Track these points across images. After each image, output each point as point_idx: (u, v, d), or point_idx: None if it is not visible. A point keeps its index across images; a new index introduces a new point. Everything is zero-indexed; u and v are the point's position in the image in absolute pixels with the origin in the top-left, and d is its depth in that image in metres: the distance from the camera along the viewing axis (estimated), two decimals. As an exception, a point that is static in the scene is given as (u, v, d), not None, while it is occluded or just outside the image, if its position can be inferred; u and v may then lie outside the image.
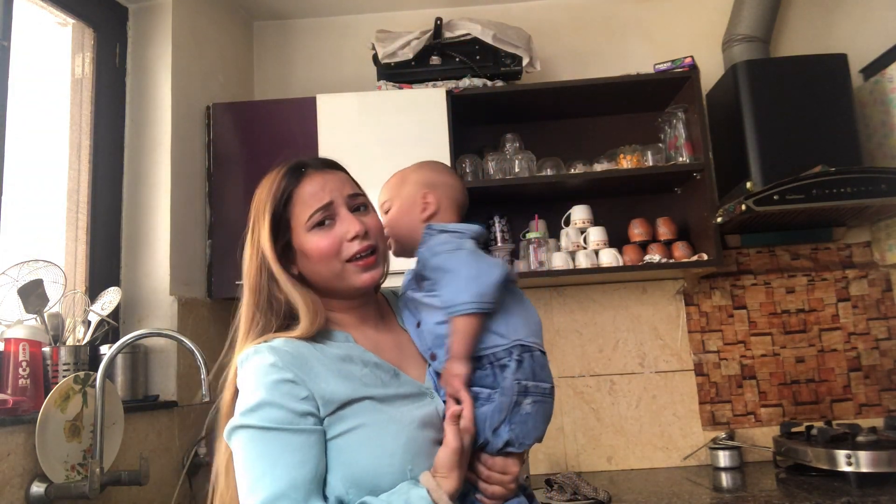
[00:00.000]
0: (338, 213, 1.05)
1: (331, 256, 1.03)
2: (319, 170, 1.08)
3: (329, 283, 1.06)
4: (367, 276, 1.05)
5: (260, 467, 0.90)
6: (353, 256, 1.04)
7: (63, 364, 1.65)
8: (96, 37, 2.08)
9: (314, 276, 1.06)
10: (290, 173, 1.07)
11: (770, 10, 2.49)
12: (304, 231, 1.04)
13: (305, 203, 1.05)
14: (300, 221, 1.04)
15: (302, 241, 1.04)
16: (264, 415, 0.92)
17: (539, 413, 1.00)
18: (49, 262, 1.71)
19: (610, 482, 2.17)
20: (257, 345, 0.99)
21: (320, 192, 1.05)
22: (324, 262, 1.04)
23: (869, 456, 1.84)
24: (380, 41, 2.41)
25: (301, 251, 1.05)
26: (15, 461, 1.44)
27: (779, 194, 2.06)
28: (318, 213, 1.04)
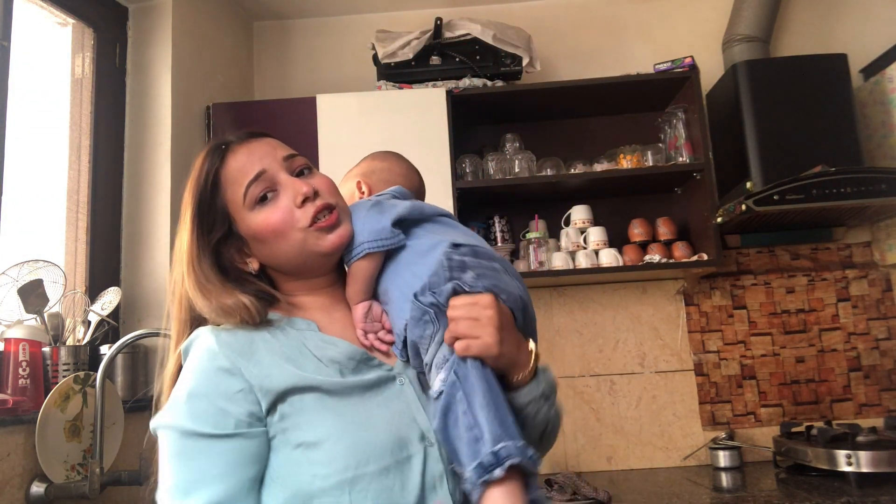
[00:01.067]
0: (277, 180, 0.92)
1: (286, 229, 0.90)
2: (243, 142, 0.95)
3: (295, 260, 0.93)
4: (334, 236, 0.92)
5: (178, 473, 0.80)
6: (311, 220, 0.90)
7: (63, 364, 1.65)
8: (96, 37, 2.08)
9: (276, 258, 0.93)
10: (211, 155, 0.94)
11: (770, 10, 2.49)
12: (246, 212, 0.91)
13: (235, 181, 0.91)
14: (237, 204, 0.91)
15: (248, 224, 0.91)
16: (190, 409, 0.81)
17: (491, 280, 0.86)
18: (49, 262, 1.71)
19: (610, 482, 2.17)
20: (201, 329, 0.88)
21: (248, 164, 0.92)
22: (281, 239, 0.91)
23: (869, 456, 1.84)
24: (380, 41, 2.41)
25: (251, 236, 0.92)
26: (15, 461, 1.44)
27: (779, 194, 2.06)
28: (253, 185, 0.90)
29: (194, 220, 0.91)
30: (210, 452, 0.79)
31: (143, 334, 1.69)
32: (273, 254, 0.93)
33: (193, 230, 0.91)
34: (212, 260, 0.91)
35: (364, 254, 0.92)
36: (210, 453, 0.79)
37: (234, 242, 0.93)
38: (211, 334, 0.85)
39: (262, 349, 0.85)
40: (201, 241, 0.91)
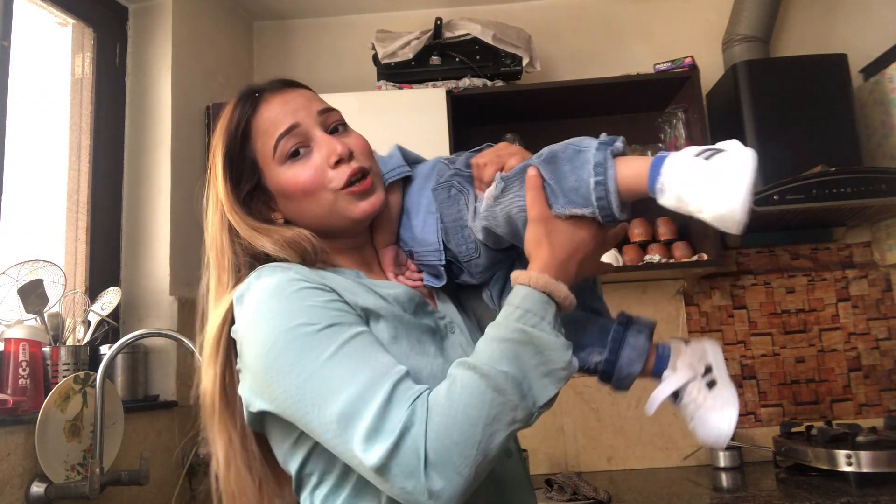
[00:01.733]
0: (311, 136, 0.87)
1: (317, 189, 0.86)
2: (277, 91, 0.90)
3: (323, 221, 0.88)
4: (367, 203, 0.87)
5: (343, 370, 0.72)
6: (345, 184, 0.86)
7: (63, 364, 1.65)
8: (96, 37, 2.08)
9: (303, 217, 0.89)
10: (243, 102, 0.89)
11: (770, 10, 2.49)
12: (275, 167, 0.87)
13: (266, 132, 0.87)
14: (267, 157, 0.87)
15: (277, 179, 0.87)
16: (308, 316, 0.74)
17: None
18: (49, 262, 1.71)
19: (610, 482, 2.17)
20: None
21: (282, 115, 0.87)
22: (310, 198, 0.86)
23: (869, 456, 1.84)
24: (380, 41, 2.41)
25: (279, 191, 0.88)
26: (15, 461, 1.44)
27: (779, 194, 2.05)
28: (285, 139, 0.86)
29: (225, 171, 0.88)
30: (362, 340, 0.74)
31: (143, 334, 1.69)
32: (301, 213, 0.88)
33: (225, 180, 0.87)
34: (245, 207, 0.88)
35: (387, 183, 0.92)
36: (363, 340, 0.75)
37: (262, 196, 0.89)
38: (275, 270, 0.80)
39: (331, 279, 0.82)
40: (234, 190, 0.87)
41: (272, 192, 0.89)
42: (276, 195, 0.89)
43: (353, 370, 0.71)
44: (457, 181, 0.89)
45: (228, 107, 0.90)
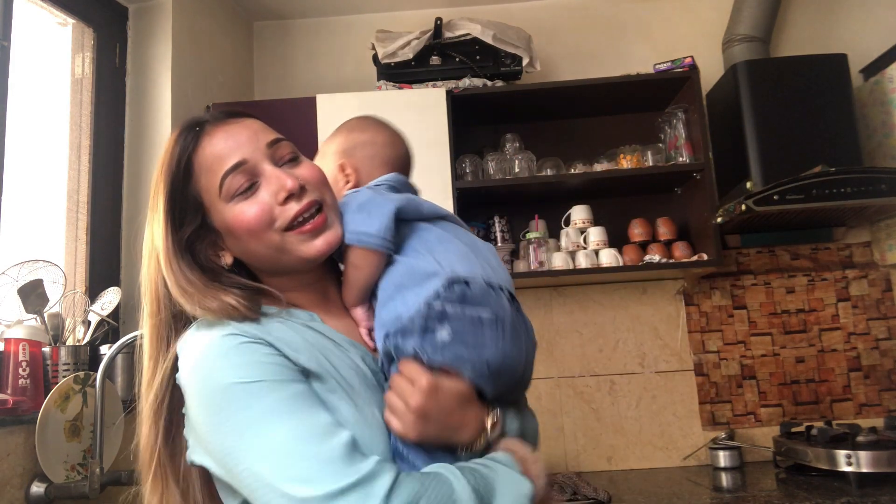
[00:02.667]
0: (259, 171, 0.82)
1: (262, 229, 0.81)
2: (221, 122, 0.84)
3: (272, 260, 0.84)
4: (320, 241, 0.83)
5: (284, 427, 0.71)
6: (292, 222, 0.81)
7: (63, 364, 1.65)
8: (96, 37, 2.08)
9: (252, 256, 0.85)
10: (184, 136, 0.83)
11: (770, 10, 2.49)
12: (221, 204, 0.82)
13: (210, 169, 0.82)
14: (212, 194, 0.82)
15: (223, 217, 0.82)
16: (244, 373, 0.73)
17: (467, 342, 0.79)
18: (49, 262, 1.71)
19: (610, 482, 2.17)
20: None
21: (227, 150, 0.81)
22: (256, 239, 0.82)
23: (869, 456, 1.84)
24: (380, 41, 2.41)
25: (225, 230, 0.83)
26: (15, 461, 1.44)
27: (779, 194, 2.05)
28: (231, 176, 0.80)
29: (167, 212, 0.83)
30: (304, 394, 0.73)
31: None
32: (246, 252, 0.85)
33: (167, 223, 0.82)
34: (186, 255, 0.83)
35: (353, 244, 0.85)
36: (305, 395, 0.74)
37: (208, 235, 0.84)
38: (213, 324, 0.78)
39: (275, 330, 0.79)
40: (174, 235, 0.82)
41: (218, 230, 0.84)
42: (224, 234, 0.84)
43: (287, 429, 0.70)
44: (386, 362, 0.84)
45: (169, 141, 0.85)
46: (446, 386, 0.77)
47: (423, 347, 0.78)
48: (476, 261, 0.86)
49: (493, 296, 0.82)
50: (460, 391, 0.78)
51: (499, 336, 0.80)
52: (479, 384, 0.80)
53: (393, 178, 0.96)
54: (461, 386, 0.78)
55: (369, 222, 0.85)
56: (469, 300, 0.80)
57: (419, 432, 0.76)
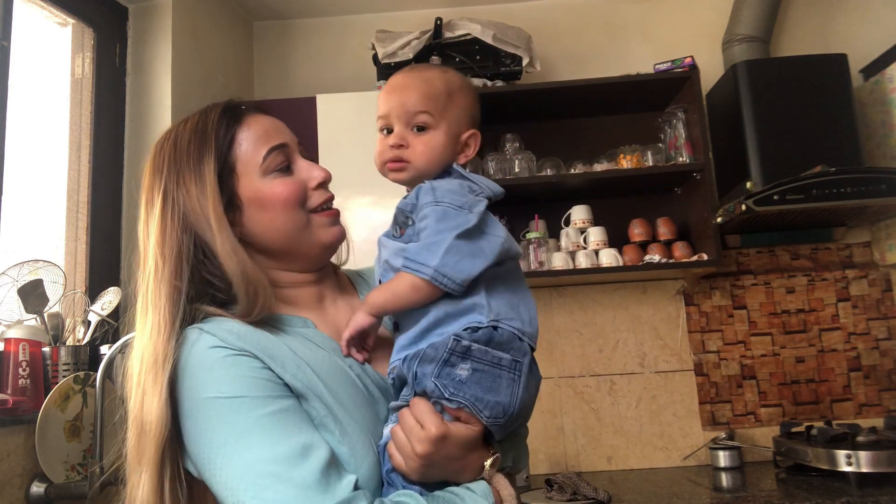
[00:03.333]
0: (294, 159, 0.89)
1: (295, 204, 0.86)
2: (260, 112, 0.92)
3: (289, 240, 0.87)
4: (336, 230, 0.90)
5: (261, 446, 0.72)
6: (321, 205, 0.88)
7: (63, 364, 1.65)
8: (96, 37, 2.08)
9: (271, 232, 0.86)
10: (227, 113, 0.89)
11: (770, 10, 2.49)
12: (257, 176, 0.86)
13: (256, 141, 0.87)
14: (251, 166, 0.86)
15: (257, 188, 0.85)
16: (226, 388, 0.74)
17: (483, 384, 0.79)
18: (49, 262, 1.71)
19: (610, 482, 2.17)
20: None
21: (273, 131, 0.88)
22: (287, 212, 0.85)
23: (869, 456, 1.84)
24: (380, 41, 2.41)
25: (254, 201, 0.86)
26: (15, 461, 1.44)
27: (779, 194, 2.05)
28: (275, 153, 0.86)
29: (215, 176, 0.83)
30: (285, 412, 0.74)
31: (143, 334, 1.68)
32: (270, 227, 0.86)
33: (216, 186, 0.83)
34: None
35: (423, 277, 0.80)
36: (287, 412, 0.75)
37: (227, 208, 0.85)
38: (201, 335, 0.78)
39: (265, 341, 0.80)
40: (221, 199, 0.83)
41: (243, 201, 0.86)
42: (246, 206, 0.86)
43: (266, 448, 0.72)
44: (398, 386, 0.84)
45: (213, 112, 0.89)
46: (455, 433, 0.78)
47: (441, 381, 0.78)
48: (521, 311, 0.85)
49: (517, 345, 0.82)
50: (468, 438, 0.79)
51: (515, 383, 0.81)
52: (491, 429, 0.80)
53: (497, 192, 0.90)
54: (470, 433, 0.79)
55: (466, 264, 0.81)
56: (494, 344, 0.81)
57: (421, 476, 0.77)
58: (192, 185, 0.84)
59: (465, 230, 0.81)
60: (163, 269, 0.81)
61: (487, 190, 0.88)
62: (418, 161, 0.88)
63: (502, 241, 0.84)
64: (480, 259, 0.81)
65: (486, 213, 0.85)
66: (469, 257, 0.81)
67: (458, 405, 0.78)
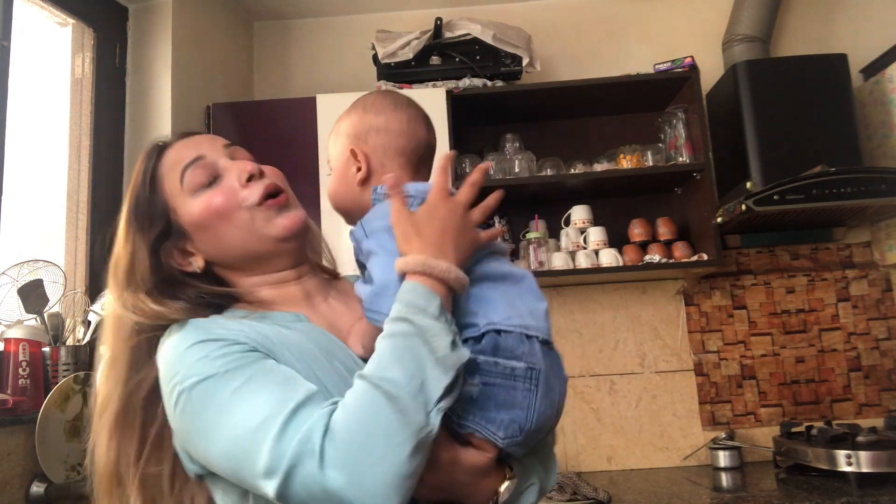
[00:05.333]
0: (218, 165, 0.85)
1: (231, 209, 0.82)
2: (180, 138, 0.89)
3: (246, 247, 0.83)
4: (285, 219, 0.84)
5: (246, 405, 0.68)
6: (260, 199, 0.83)
7: (63, 364, 1.65)
8: (96, 37, 2.08)
9: (224, 247, 0.84)
10: (148, 155, 0.87)
11: (770, 10, 2.49)
12: (186, 199, 0.83)
13: (171, 169, 0.84)
14: (175, 192, 0.84)
15: (189, 211, 0.83)
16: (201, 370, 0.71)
17: (496, 400, 0.73)
18: (49, 262, 1.71)
19: (610, 482, 2.17)
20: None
21: (185, 151, 0.85)
22: (226, 222, 0.82)
23: (869, 456, 1.84)
24: (380, 41, 2.41)
25: (193, 224, 0.83)
26: (15, 461, 1.44)
27: (779, 194, 2.05)
28: (191, 169, 0.83)
29: (128, 223, 0.85)
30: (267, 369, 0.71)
31: (143, 334, 1.68)
32: (219, 243, 0.84)
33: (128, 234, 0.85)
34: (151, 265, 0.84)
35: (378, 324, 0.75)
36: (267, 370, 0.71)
37: (175, 241, 0.85)
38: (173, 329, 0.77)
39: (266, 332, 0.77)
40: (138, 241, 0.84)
41: (186, 229, 0.84)
42: (190, 231, 0.84)
43: (249, 410, 0.68)
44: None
45: (135, 167, 0.88)
46: (465, 461, 0.73)
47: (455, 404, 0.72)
48: (517, 304, 0.79)
49: (527, 347, 0.76)
50: (480, 465, 0.73)
51: (532, 393, 0.74)
52: (508, 450, 0.75)
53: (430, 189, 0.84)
54: (482, 459, 0.73)
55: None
56: (501, 352, 0.74)
57: (425, 496, 0.72)
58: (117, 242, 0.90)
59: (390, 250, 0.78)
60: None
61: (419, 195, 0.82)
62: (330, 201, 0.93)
63: None
64: None
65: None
66: None
67: (468, 430, 0.73)
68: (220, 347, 0.73)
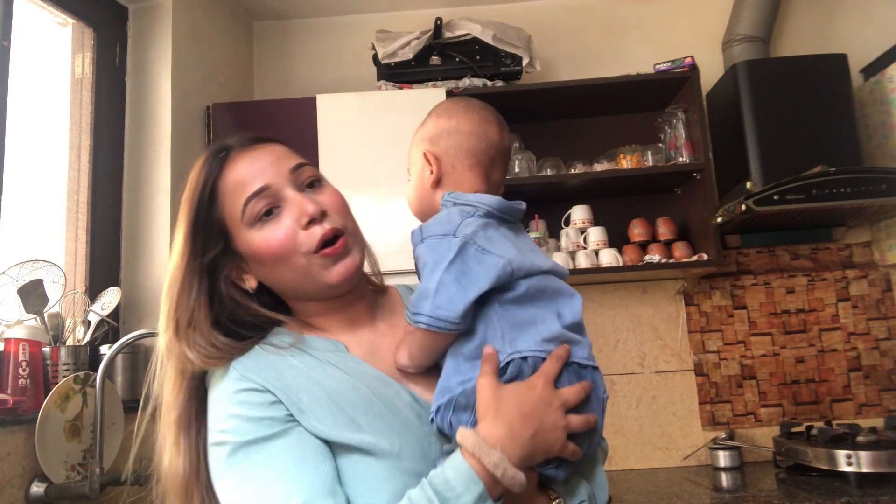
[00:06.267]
0: (282, 196, 0.82)
1: (288, 253, 0.81)
2: (246, 148, 0.86)
3: (298, 285, 0.84)
4: (340, 267, 0.82)
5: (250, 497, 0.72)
6: (317, 247, 0.81)
7: (63, 364, 1.65)
8: (96, 37, 2.08)
9: (277, 281, 0.85)
10: (209, 162, 0.85)
11: (770, 10, 2.49)
12: (244, 229, 0.82)
13: (233, 193, 0.82)
14: (235, 219, 0.83)
15: (247, 242, 0.83)
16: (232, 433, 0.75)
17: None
18: (49, 262, 1.71)
19: (610, 482, 2.16)
20: None
21: (250, 176, 0.82)
22: (282, 263, 0.82)
23: (869, 456, 1.84)
24: (380, 41, 2.41)
25: (250, 255, 0.84)
26: (15, 461, 1.44)
27: (779, 194, 2.05)
28: (254, 201, 0.81)
29: (187, 237, 0.83)
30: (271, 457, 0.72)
31: (143, 334, 1.68)
32: (273, 276, 0.84)
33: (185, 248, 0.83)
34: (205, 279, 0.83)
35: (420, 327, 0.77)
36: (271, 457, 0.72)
37: (232, 261, 0.85)
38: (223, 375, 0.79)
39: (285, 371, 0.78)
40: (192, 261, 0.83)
41: (244, 256, 0.85)
42: (248, 259, 0.85)
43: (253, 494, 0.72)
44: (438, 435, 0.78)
45: (195, 167, 0.86)
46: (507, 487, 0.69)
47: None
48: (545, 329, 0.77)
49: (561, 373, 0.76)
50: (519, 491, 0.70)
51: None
52: (546, 474, 0.74)
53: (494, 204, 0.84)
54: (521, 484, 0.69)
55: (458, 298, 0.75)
56: (525, 376, 0.74)
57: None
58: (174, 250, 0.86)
59: (450, 259, 0.76)
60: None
61: (481, 206, 0.82)
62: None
63: (504, 261, 0.77)
64: (473, 287, 0.75)
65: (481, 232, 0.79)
66: (460, 290, 0.75)
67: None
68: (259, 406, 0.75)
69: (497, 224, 0.83)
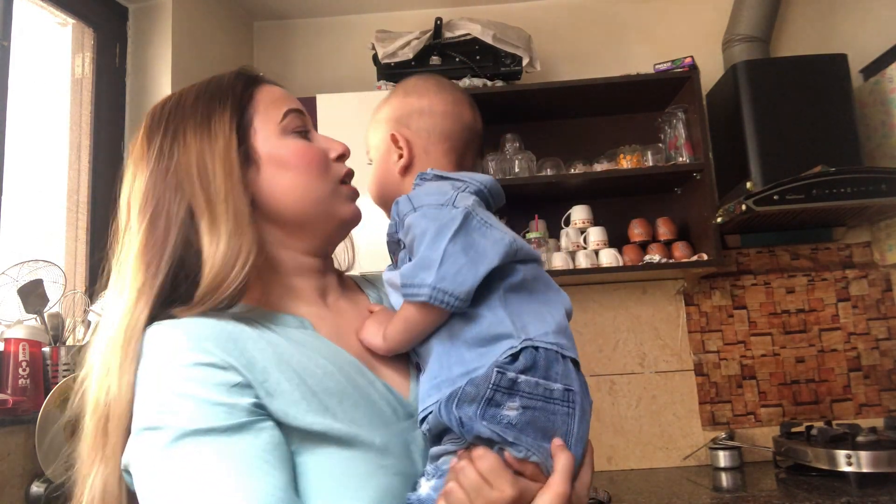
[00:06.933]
0: (310, 130, 0.81)
1: (319, 168, 0.77)
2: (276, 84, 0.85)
3: (308, 208, 0.77)
4: (355, 207, 0.81)
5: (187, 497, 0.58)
6: (343, 178, 0.80)
7: (63, 364, 1.65)
8: (96, 37, 2.08)
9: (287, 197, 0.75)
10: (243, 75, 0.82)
11: (770, 10, 2.49)
12: (276, 134, 0.77)
13: (274, 102, 0.79)
14: (269, 123, 0.77)
15: (276, 145, 0.76)
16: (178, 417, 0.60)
17: (537, 425, 0.66)
18: (49, 262, 1.71)
19: (610, 482, 2.17)
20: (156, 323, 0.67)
21: (291, 99, 0.81)
22: (310, 175, 0.76)
23: (869, 456, 1.84)
24: (380, 41, 2.41)
25: (274, 158, 0.76)
26: (15, 461, 1.44)
27: (779, 194, 2.06)
28: (294, 114, 0.78)
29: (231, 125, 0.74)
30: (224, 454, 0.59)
31: (143, 334, 1.68)
32: (290, 188, 0.75)
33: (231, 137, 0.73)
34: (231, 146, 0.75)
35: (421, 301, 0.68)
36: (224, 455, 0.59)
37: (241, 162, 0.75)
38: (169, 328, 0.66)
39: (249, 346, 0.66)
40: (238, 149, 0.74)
41: (261, 156, 0.75)
42: (264, 162, 0.75)
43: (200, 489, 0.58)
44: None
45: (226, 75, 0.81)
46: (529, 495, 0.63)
47: (492, 425, 0.64)
48: (548, 320, 0.72)
49: (562, 368, 0.69)
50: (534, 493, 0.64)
51: (571, 419, 0.68)
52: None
53: (488, 183, 0.78)
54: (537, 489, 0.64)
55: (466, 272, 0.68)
56: (538, 369, 0.67)
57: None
58: (195, 139, 0.73)
59: (455, 229, 0.69)
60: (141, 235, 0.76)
61: (474, 183, 0.76)
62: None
63: (510, 238, 0.72)
64: (483, 262, 0.68)
65: (479, 208, 0.74)
66: (469, 263, 0.68)
67: (526, 454, 0.64)
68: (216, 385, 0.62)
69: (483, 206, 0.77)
